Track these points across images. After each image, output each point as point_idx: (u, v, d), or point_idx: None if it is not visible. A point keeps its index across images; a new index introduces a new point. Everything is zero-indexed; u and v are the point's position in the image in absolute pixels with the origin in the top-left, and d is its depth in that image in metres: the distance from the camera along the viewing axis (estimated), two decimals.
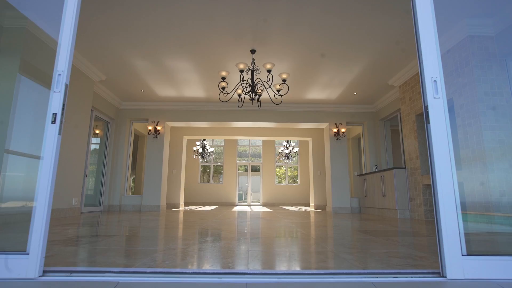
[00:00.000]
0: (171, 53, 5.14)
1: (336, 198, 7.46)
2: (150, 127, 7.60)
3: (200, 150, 11.51)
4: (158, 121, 7.72)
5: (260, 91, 5.14)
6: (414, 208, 5.48)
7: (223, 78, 4.74)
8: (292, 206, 11.96)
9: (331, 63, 5.47)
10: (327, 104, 7.80)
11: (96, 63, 5.60)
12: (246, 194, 13.39)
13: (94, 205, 7.06)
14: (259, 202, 13.10)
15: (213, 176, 13.94)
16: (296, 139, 10.05)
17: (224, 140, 13.38)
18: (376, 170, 7.42)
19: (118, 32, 4.54)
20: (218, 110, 7.86)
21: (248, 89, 4.93)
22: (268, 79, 4.84)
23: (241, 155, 14.37)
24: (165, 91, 6.97)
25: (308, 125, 8.08)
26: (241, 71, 4.58)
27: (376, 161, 7.65)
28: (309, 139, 9.93)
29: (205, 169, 13.83)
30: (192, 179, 12.93)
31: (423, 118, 5.76)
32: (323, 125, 8.04)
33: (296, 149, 11.27)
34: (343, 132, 7.65)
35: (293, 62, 5.47)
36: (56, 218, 4.71)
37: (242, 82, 4.87)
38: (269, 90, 6.68)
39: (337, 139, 7.69)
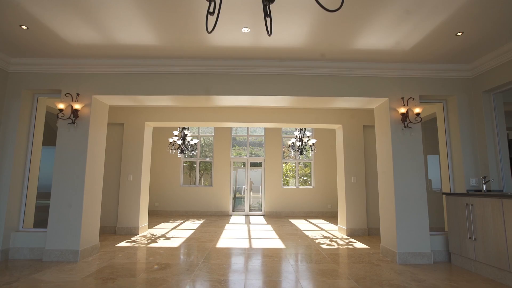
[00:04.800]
0: None
1: (405, 234, 3.89)
2: (61, 106, 3.94)
3: (179, 142, 7.89)
4: (78, 94, 4.06)
5: None
6: None
7: None
8: (305, 219, 8.43)
9: None
10: (389, 62, 4.11)
11: None
12: (244, 195, 9.89)
13: None
14: (260, 211, 9.59)
15: (202, 175, 10.37)
16: (318, 126, 6.43)
17: (215, 128, 9.75)
18: (484, 184, 3.84)
19: None
20: (187, 73, 4.18)
21: None
22: None
23: (237, 148, 10.76)
24: (75, 30, 3.28)
25: (350, 101, 4.42)
26: None
27: (478, 169, 4.05)
28: (337, 126, 6.30)
29: (192, 165, 10.28)
30: (172, 180, 9.38)
31: None
32: (378, 102, 4.37)
33: (312, 141, 7.67)
34: (418, 115, 4.01)
35: None
36: None
37: None
38: None
39: (404, 127, 4.06)
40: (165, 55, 3.95)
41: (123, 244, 4.86)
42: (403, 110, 4.00)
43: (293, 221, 7.96)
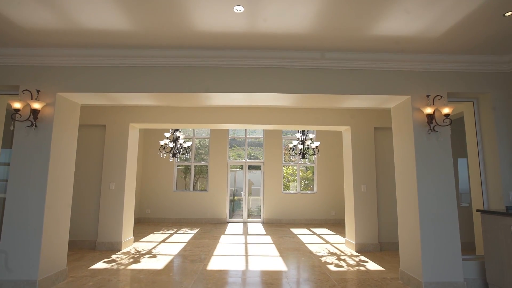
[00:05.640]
0: None
1: (432, 259, 3.19)
2: (17, 105, 3.23)
3: (171, 145, 7.18)
4: (39, 91, 3.36)
5: None
6: None
7: None
8: (307, 228, 7.73)
9: None
10: (413, 53, 3.40)
11: None
12: (241, 199, 9.15)
13: None
14: (259, 217, 8.88)
15: (198, 179, 9.67)
16: (323, 128, 5.73)
17: (211, 130, 9.05)
18: None
19: None
20: (171, 66, 3.47)
21: None
22: None
23: (236, 149, 10.08)
24: (24, 9, 2.57)
25: (363, 100, 3.71)
26: None
27: None
28: (344, 128, 5.60)
29: (187, 168, 9.55)
30: (165, 185, 8.67)
31: None
32: (397, 100, 3.66)
33: (316, 144, 6.97)
34: (447, 116, 3.31)
35: None
36: None
37: None
38: None
39: (431, 130, 3.36)
40: (143, 44, 3.24)
41: (99, 265, 4.15)
42: (429, 110, 3.29)
43: (295, 230, 7.26)
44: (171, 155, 7.15)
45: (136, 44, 3.24)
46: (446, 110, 3.26)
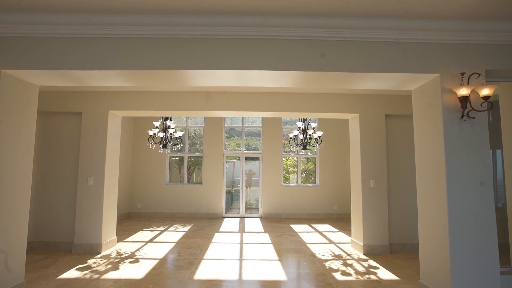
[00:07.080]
0: None
1: (463, 273, 2.57)
2: None
3: (161, 135, 6.52)
4: None
5: None
6: None
7: None
8: (308, 224, 7.14)
9: None
10: (445, 19, 2.70)
11: None
12: (238, 191, 8.53)
13: None
14: (257, 211, 8.31)
15: (193, 170, 9.05)
16: (328, 116, 5.07)
17: (205, 118, 8.37)
18: None
19: None
20: (141, 36, 2.78)
21: None
22: None
23: (236, 139, 9.42)
24: None
25: (379, 80, 3.02)
26: None
27: None
28: (352, 116, 4.93)
29: (181, 160, 8.92)
30: (157, 178, 8.05)
31: None
32: (422, 80, 2.96)
33: (318, 134, 6.30)
34: (486, 98, 2.64)
35: None
36: None
37: None
38: None
39: (465, 117, 2.70)
40: (105, 7, 2.54)
41: (70, 273, 3.56)
42: (464, 91, 2.62)
43: (295, 226, 6.67)
44: (161, 146, 6.50)
45: (97, 7, 2.53)
46: (485, 91, 2.58)
